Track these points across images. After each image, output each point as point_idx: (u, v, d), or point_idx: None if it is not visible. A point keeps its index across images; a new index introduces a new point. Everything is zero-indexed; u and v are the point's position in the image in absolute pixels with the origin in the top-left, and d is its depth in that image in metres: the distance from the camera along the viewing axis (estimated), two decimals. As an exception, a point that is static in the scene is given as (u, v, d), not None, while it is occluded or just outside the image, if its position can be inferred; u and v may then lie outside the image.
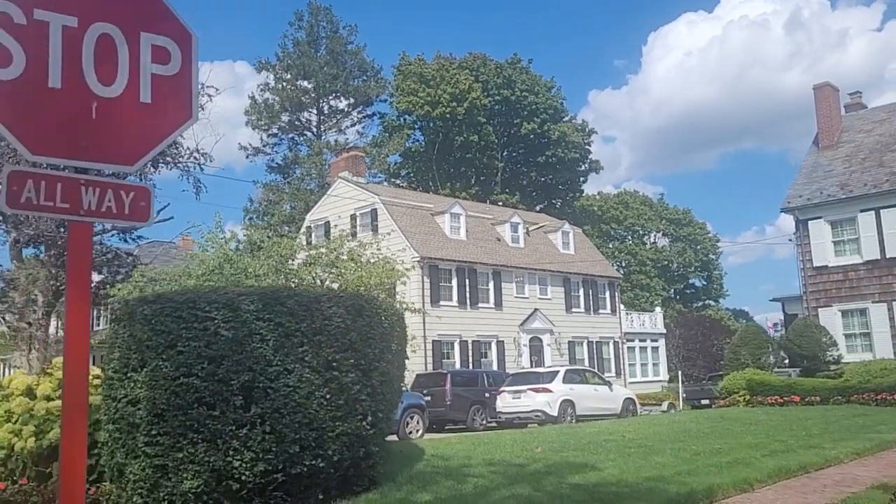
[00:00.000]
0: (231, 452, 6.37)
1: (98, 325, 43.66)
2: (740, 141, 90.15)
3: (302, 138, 43.98)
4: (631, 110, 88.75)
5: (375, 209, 29.61)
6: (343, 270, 22.83)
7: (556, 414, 20.01)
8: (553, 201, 45.46)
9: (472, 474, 8.93)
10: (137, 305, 6.76)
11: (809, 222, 23.64)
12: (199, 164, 33.36)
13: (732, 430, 13.54)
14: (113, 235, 33.60)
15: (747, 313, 58.24)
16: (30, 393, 9.69)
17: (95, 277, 34.81)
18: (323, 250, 23.46)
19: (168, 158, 32.82)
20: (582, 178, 49.22)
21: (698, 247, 52.56)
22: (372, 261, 23.75)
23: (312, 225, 32.07)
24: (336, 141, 41.99)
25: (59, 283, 31.90)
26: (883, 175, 22.89)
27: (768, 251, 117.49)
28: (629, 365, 36.28)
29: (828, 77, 72.66)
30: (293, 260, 23.16)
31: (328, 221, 31.20)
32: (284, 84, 42.28)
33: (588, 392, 21.47)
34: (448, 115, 41.92)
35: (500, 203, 39.98)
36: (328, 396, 7.04)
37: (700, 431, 13.62)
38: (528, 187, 46.37)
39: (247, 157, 42.79)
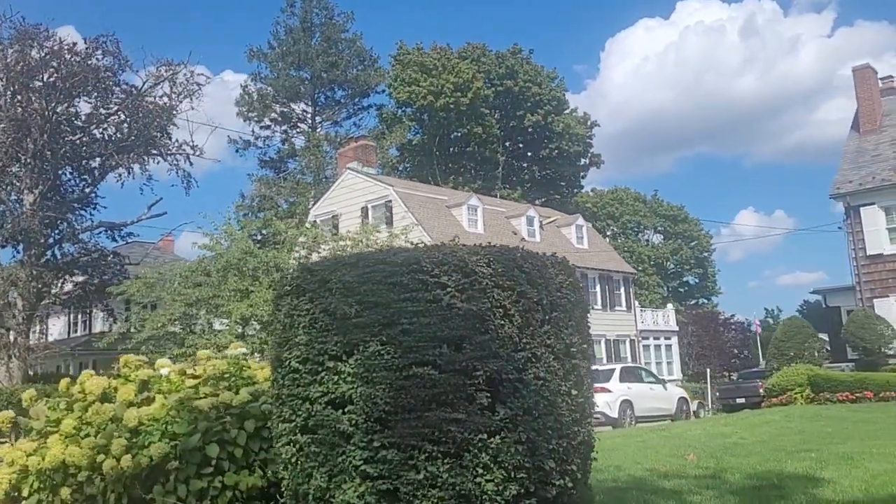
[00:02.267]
0: (479, 470, 4.59)
1: (84, 328, 40.92)
2: (697, 145, 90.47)
3: (295, 130, 41.88)
4: (591, 115, 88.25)
5: (389, 201, 27.77)
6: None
7: (616, 416, 18.45)
8: (553, 196, 44.02)
9: (670, 489, 7.26)
10: (331, 270, 4.91)
11: (861, 209, 22.49)
12: (188, 157, 31.30)
13: (883, 429, 12.07)
14: (101, 233, 31.28)
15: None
16: (105, 398, 7.75)
17: (78, 278, 32.33)
18: (348, 242, 21.67)
19: (154, 151, 30.57)
20: (582, 173, 47.94)
21: (692, 243, 51.73)
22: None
23: (318, 219, 30.07)
24: (336, 133, 40.03)
25: (40, 286, 29.37)
26: (939, 158, 21.86)
27: (749, 249, 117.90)
28: (644, 363, 34.95)
29: (779, 82, 73.19)
30: (317, 252, 21.33)
31: (336, 215, 29.25)
32: (279, 73, 40.08)
33: (645, 391, 19.98)
34: (452, 106, 40.16)
35: (502, 198, 38.43)
36: (573, 392, 5.31)
37: (834, 433, 12.09)
38: (529, 182, 44.86)
39: (237, 150, 40.61)
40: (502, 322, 4.83)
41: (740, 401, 25.95)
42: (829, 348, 25.22)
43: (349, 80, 40.85)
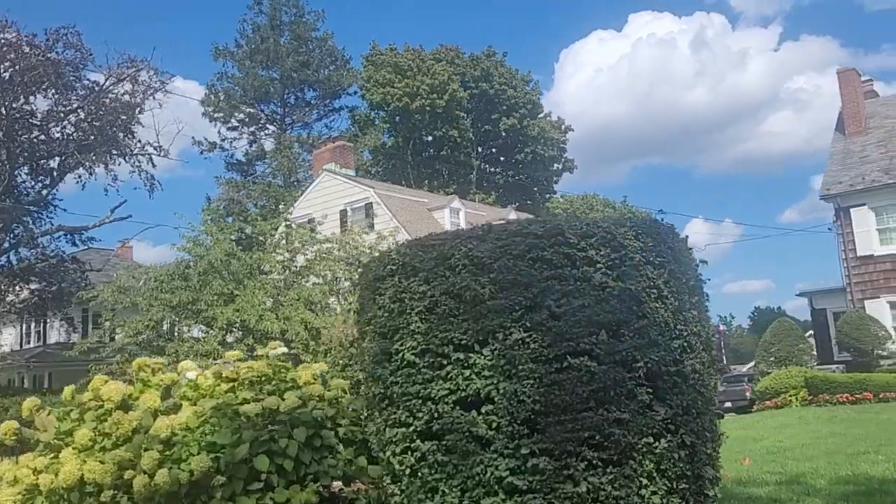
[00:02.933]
0: (643, 481, 3.82)
1: (37, 339, 38.89)
2: (649, 155, 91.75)
3: (263, 133, 40.55)
4: (564, 119, 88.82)
5: (370, 203, 26.86)
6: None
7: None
8: (526, 201, 43.45)
9: (767, 497, 6.61)
10: (451, 245, 4.10)
11: (852, 210, 22.39)
12: (150, 159, 29.93)
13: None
14: (60, 237, 29.63)
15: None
16: (125, 406, 6.80)
17: (35, 286, 30.61)
18: (334, 244, 20.75)
19: (115, 151, 29.11)
20: (555, 178, 47.54)
21: (661, 249, 51.54)
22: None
23: (293, 223, 28.97)
24: (309, 134, 38.88)
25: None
26: (928, 159, 21.90)
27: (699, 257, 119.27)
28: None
29: (728, 95, 74.78)
30: (302, 254, 20.35)
31: (313, 218, 28.17)
32: (247, 72, 38.67)
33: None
34: (428, 108, 39.32)
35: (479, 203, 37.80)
36: (718, 388, 4.61)
37: (869, 434, 11.59)
38: (503, 186, 44.26)
39: (201, 153, 39.11)
40: (657, 305, 4.08)
41: (727, 405, 25.60)
42: (815, 351, 25.10)
43: (321, 80, 39.71)
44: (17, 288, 30.13)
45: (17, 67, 25.18)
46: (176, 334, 19.44)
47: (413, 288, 4.09)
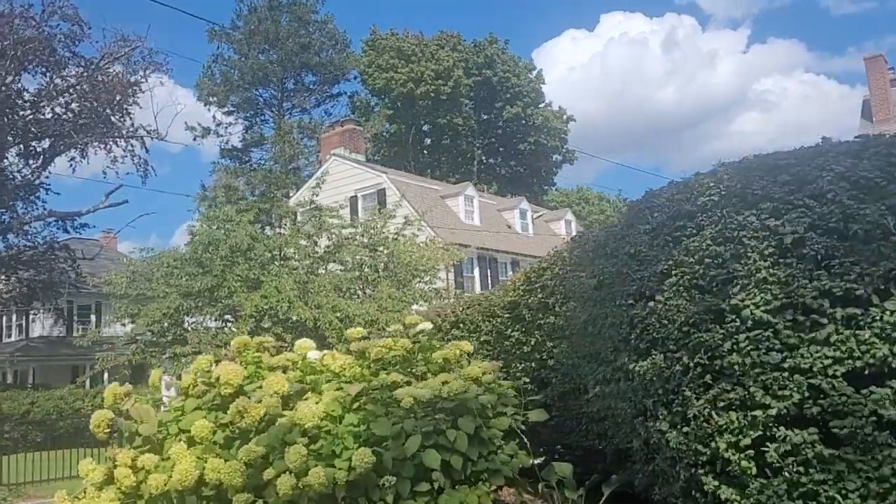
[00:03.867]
0: None
1: (19, 333, 37.07)
2: (622, 152, 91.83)
3: (260, 118, 39.06)
4: (566, 109, 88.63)
5: (383, 189, 25.73)
6: (397, 251, 19.05)
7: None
8: (525, 193, 42.46)
9: None
10: (820, 165, 3.07)
11: (887, 198, 21.77)
12: (143, 143, 28.53)
13: None
14: (51, 223, 28.05)
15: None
16: (241, 393, 5.74)
17: (23, 274, 28.97)
18: (359, 229, 19.62)
19: (110, 134, 27.62)
20: (555, 169, 46.65)
21: (655, 244, 51.16)
22: (420, 242, 20.07)
23: (298, 210, 27.71)
24: (311, 120, 37.42)
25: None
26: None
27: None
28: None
29: (697, 95, 75.10)
30: (328, 238, 19.19)
31: (319, 206, 26.96)
32: (244, 55, 37.11)
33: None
34: (433, 94, 38.15)
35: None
36: None
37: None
38: (505, 176, 43.23)
39: (194, 139, 37.53)
40: None
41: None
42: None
43: (322, 63, 38.32)
44: (4, 277, 28.55)
45: (10, 41, 23.64)
46: (191, 325, 18.20)
47: (753, 224, 3.08)
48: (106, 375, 29.26)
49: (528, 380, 5.87)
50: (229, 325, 18.17)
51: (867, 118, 24.98)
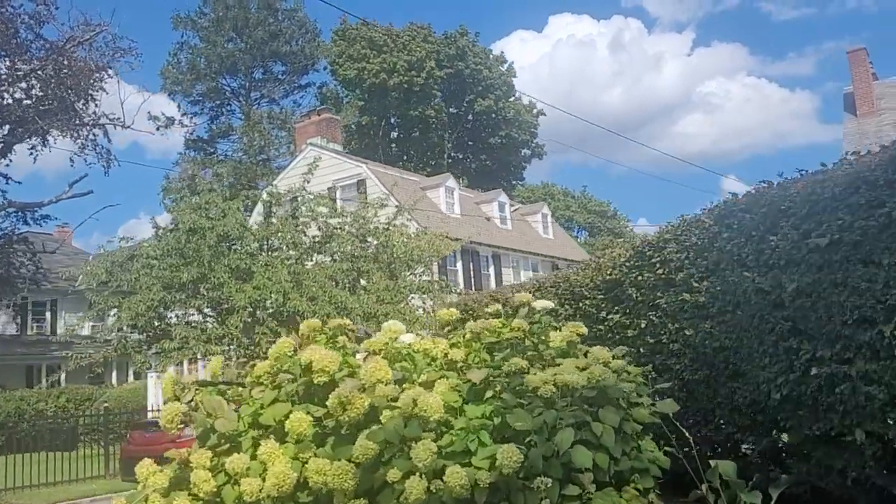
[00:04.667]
0: None
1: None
2: (569, 152, 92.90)
3: (226, 108, 37.60)
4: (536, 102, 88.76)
5: (363, 180, 24.88)
6: (389, 241, 18.27)
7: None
8: (494, 188, 41.89)
9: None
10: None
11: (875, 190, 21.82)
12: (106, 132, 27.17)
13: None
14: (11, 214, 26.43)
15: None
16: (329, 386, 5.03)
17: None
18: (347, 219, 18.79)
19: (69, 122, 26.19)
20: (524, 164, 46.22)
21: (620, 239, 51.34)
22: (412, 231, 19.35)
23: (273, 201, 26.66)
24: (282, 110, 36.08)
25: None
26: (952, 139, 21.52)
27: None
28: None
29: (643, 97, 76.44)
30: (319, 227, 18.33)
31: (296, 196, 25.96)
32: (211, 44, 35.61)
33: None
34: (405, 85, 37.26)
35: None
36: None
37: None
38: (475, 170, 42.56)
39: (157, 129, 35.83)
40: None
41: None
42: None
43: (292, 52, 37.08)
44: (-43, 270, 26.83)
45: (-35, 21, 22.09)
46: (174, 319, 17.14)
47: None
48: (63, 376, 27.82)
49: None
50: (210, 319, 17.17)
51: (850, 112, 25.10)
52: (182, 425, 4.82)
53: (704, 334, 5.09)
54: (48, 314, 35.10)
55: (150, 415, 15.51)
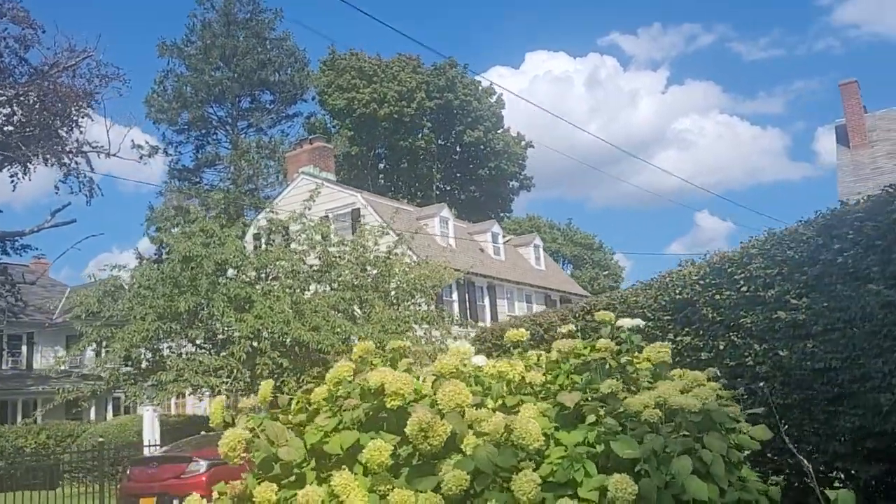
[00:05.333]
0: None
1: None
2: (547, 189, 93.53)
3: (212, 137, 37.07)
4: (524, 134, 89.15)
5: (357, 209, 24.53)
6: (390, 270, 17.90)
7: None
8: (482, 220, 41.68)
9: None
10: None
11: (872, 221, 21.86)
12: (88, 161, 26.68)
13: None
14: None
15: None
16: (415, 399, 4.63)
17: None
18: (346, 247, 18.43)
19: (52, 149, 25.65)
20: (513, 196, 46.11)
21: (605, 273, 51.30)
22: (409, 260, 18.96)
23: (262, 231, 26.17)
24: (271, 139, 35.61)
25: None
26: (948, 170, 21.70)
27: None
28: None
29: (619, 133, 77.54)
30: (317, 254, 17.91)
31: (287, 226, 25.51)
32: (199, 71, 35.21)
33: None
34: (395, 116, 37.06)
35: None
36: None
37: None
38: (463, 202, 42.29)
39: (140, 158, 35.11)
40: None
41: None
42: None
43: (282, 81, 36.80)
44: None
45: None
46: (167, 350, 16.54)
47: None
48: (39, 411, 26.83)
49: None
50: (204, 350, 16.60)
51: (843, 144, 25.27)
52: (245, 453, 4.36)
53: (802, 355, 4.72)
54: (24, 348, 34.07)
55: (146, 450, 14.81)
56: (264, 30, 36.74)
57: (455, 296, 24.55)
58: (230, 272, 16.64)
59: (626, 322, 4.80)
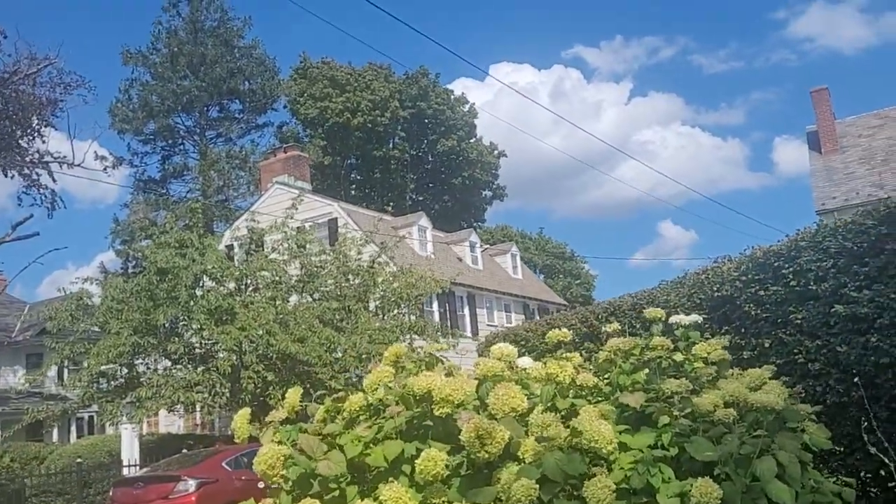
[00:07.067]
0: None
1: None
2: (509, 200, 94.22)
3: (180, 147, 36.28)
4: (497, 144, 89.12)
5: (335, 219, 24.10)
6: (374, 280, 17.55)
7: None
8: (455, 230, 41.39)
9: None
10: None
11: (849, 224, 22.12)
12: (51, 173, 25.88)
13: None
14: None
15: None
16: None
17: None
18: (327, 257, 18.08)
19: (12, 160, 24.81)
20: (486, 205, 45.91)
21: (578, 282, 51.35)
22: (391, 270, 18.63)
23: (236, 243, 25.58)
24: (242, 149, 34.98)
25: None
26: (921, 173, 22.09)
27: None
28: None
29: (583, 144, 78.37)
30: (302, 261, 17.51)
31: (263, 236, 24.97)
32: (165, 81, 34.41)
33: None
34: (369, 125, 36.66)
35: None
36: None
37: None
38: (437, 212, 41.94)
39: (104, 169, 33.99)
40: None
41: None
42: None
43: (252, 90, 36.16)
44: None
45: None
46: (144, 366, 15.96)
47: None
48: (1, 435, 25.79)
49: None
50: (179, 365, 16.05)
51: (815, 149, 25.58)
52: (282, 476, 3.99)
53: (864, 350, 4.51)
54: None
55: (125, 470, 14.20)
56: (233, 38, 36.13)
57: (435, 306, 24.22)
58: (207, 284, 16.15)
59: (682, 318, 4.55)
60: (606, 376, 4.49)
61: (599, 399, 4.40)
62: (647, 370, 4.33)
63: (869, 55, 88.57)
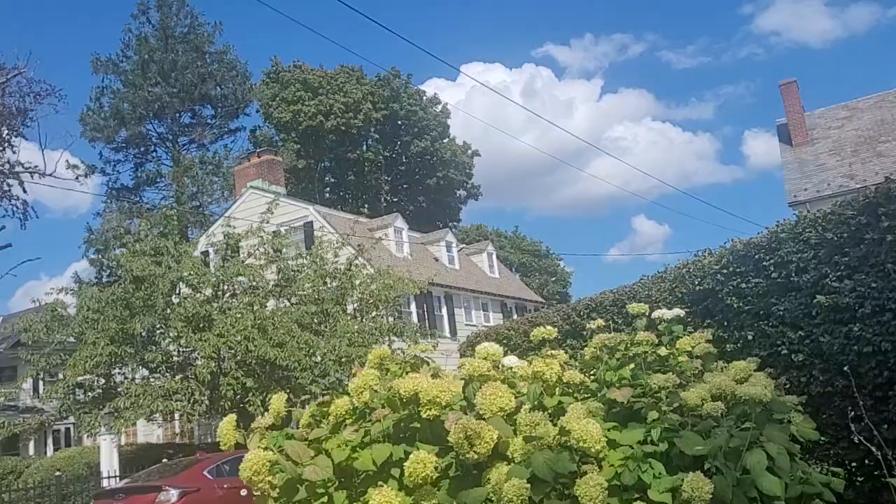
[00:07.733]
0: None
1: None
2: (483, 199, 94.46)
3: (153, 155, 35.85)
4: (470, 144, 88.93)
5: (311, 222, 23.95)
6: (352, 282, 17.47)
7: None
8: (431, 230, 41.34)
9: None
10: None
11: (820, 216, 22.40)
12: (21, 183, 25.51)
13: None
14: (-82, 272, 24.27)
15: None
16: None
17: None
18: (304, 261, 17.97)
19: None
20: (461, 205, 45.90)
21: (553, 279, 51.55)
22: (369, 272, 18.54)
23: (211, 249, 25.32)
24: (215, 154, 34.60)
25: None
26: (888, 163, 22.37)
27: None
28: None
29: (555, 142, 78.91)
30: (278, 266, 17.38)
31: (239, 241, 24.76)
32: (136, 88, 33.99)
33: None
34: (342, 128, 36.47)
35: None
36: None
37: None
38: (412, 213, 41.87)
39: (76, 178, 33.56)
40: None
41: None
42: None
43: (224, 95, 35.87)
44: None
45: None
46: (121, 376, 15.74)
47: None
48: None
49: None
50: (157, 374, 15.87)
51: (786, 142, 25.86)
52: (268, 481, 3.92)
53: (847, 339, 4.53)
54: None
55: (105, 482, 13.99)
56: (204, 43, 35.81)
57: (413, 307, 24.16)
58: (184, 291, 15.98)
59: (664, 313, 4.55)
60: (592, 373, 4.49)
61: (586, 396, 4.39)
62: (632, 366, 4.34)
63: (835, 47, 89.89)
